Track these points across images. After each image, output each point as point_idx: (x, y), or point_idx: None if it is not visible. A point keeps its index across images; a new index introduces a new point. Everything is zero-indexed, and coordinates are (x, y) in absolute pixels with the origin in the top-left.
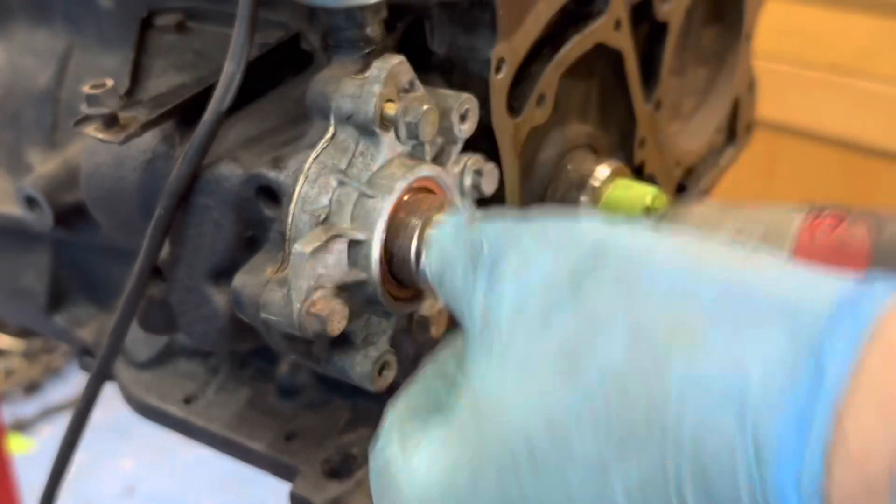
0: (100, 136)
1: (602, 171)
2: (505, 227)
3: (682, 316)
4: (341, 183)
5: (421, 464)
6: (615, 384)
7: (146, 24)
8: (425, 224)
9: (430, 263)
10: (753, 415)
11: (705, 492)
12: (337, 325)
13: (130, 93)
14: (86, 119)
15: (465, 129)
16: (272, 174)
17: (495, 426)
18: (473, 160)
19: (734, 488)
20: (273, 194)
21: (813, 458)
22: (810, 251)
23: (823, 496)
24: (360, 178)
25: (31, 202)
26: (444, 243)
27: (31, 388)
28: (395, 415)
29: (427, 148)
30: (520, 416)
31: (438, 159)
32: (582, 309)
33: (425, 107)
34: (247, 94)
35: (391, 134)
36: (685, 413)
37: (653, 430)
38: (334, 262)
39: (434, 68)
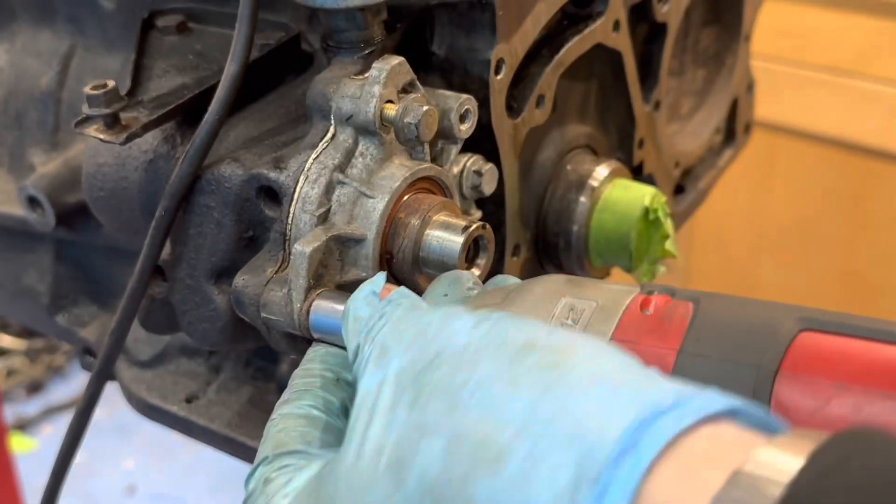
0: (101, 136)
1: (601, 171)
2: (381, 313)
3: (493, 428)
4: (341, 183)
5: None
6: (430, 495)
7: (147, 26)
8: (425, 224)
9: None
10: None
11: None
12: None
13: (132, 93)
14: (87, 119)
15: (465, 130)
16: (273, 174)
17: None
18: (473, 160)
19: None
20: (274, 194)
21: None
22: (633, 324)
23: None
24: (359, 178)
25: (33, 202)
26: (353, 313)
27: (33, 387)
28: (270, 454)
29: (427, 148)
30: None
31: (438, 160)
32: (415, 412)
33: (425, 107)
34: (247, 95)
35: (391, 134)
36: None
37: None
38: (334, 262)
39: (434, 69)
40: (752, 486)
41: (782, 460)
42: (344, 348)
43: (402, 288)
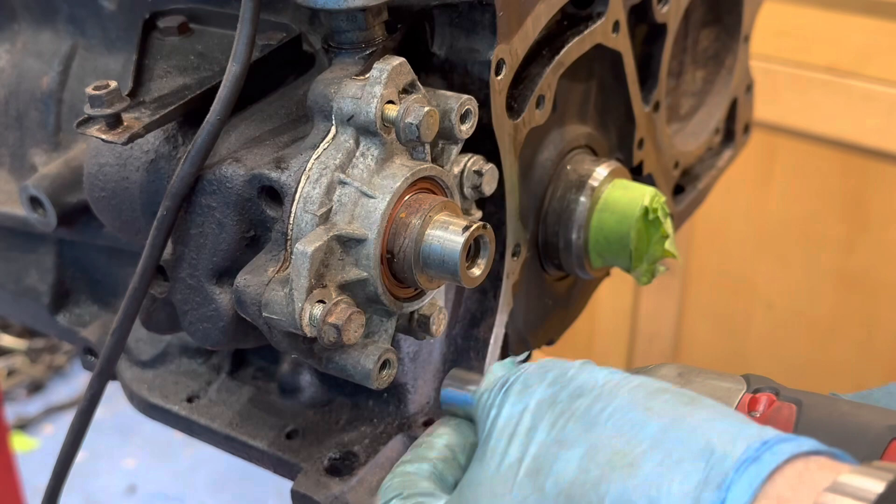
0: (103, 136)
1: (601, 171)
2: (523, 366)
3: (626, 445)
4: (342, 183)
5: None
6: (565, 494)
7: (149, 26)
8: (425, 223)
9: (482, 389)
10: None
11: None
12: (353, 335)
13: (133, 94)
14: (89, 120)
15: (465, 130)
16: (274, 174)
17: None
18: (473, 160)
19: None
20: (275, 194)
21: None
22: None
23: None
24: (361, 178)
25: (34, 202)
26: (491, 378)
27: (35, 387)
28: (410, 480)
29: (427, 148)
30: None
31: (438, 160)
32: (553, 432)
33: (426, 108)
34: (249, 96)
35: (392, 135)
36: None
37: None
38: (335, 262)
39: (434, 69)
40: (852, 490)
41: (876, 474)
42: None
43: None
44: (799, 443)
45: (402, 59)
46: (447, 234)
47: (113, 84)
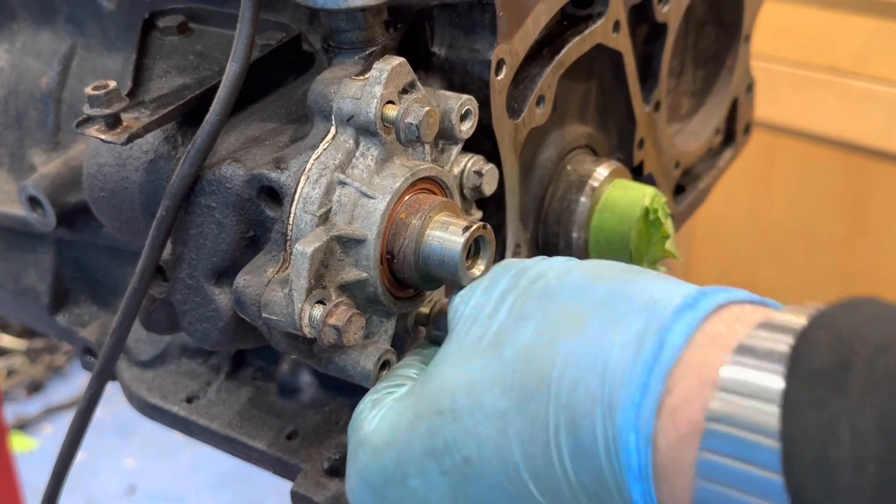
0: (102, 136)
1: (601, 171)
2: (501, 265)
3: (577, 309)
4: (342, 183)
5: (376, 417)
6: (522, 357)
7: (148, 26)
8: (425, 224)
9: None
10: (610, 379)
11: (573, 435)
12: (353, 336)
13: (133, 94)
14: (88, 120)
15: (465, 130)
16: (274, 175)
17: (431, 388)
18: (473, 161)
19: (593, 432)
20: (275, 195)
21: (647, 410)
22: None
23: (652, 440)
24: (360, 178)
25: (33, 202)
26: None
27: (34, 387)
28: (375, 387)
29: (427, 148)
30: (450, 381)
31: (439, 160)
32: (514, 310)
33: (426, 108)
34: (248, 96)
35: (392, 135)
36: (565, 377)
37: (541, 388)
38: (335, 262)
39: (434, 69)
40: (782, 324)
41: (802, 311)
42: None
43: None
44: (734, 292)
45: (401, 59)
46: (447, 234)
47: (112, 84)
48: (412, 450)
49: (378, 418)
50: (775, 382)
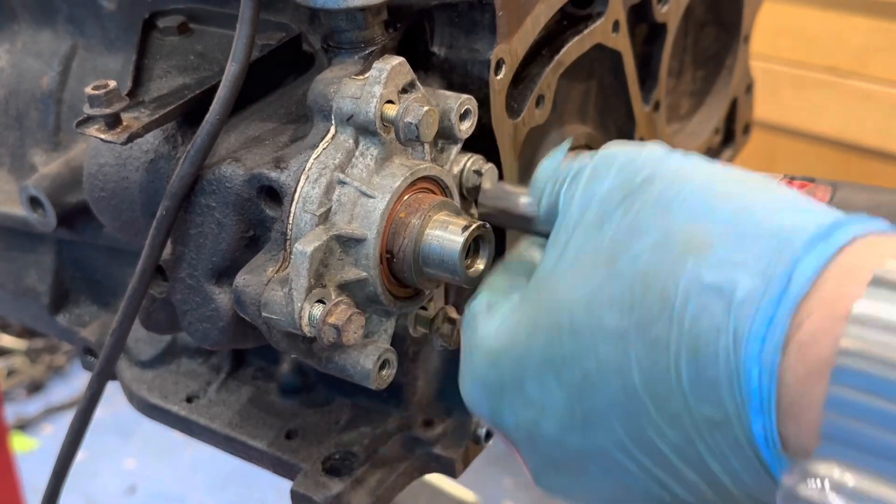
0: (102, 136)
1: None
2: (588, 154)
3: (700, 229)
4: (342, 183)
5: (495, 321)
6: (641, 277)
7: (149, 26)
8: (425, 223)
9: (535, 178)
10: (737, 308)
11: (695, 363)
12: (353, 336)
13: (133, 94)
14: (89, 120)
15: (465, 130)
16: (274, 174)
17: (549, 300)
18: (473, 160)
19: (716, 363)
20: (274, 194)
21: (772, 344)
22: None
23: (777, 372)
24: (360, 178)
25: (34, 202)
26: (545, 168)
27: (34, 387)
28: (488, 284)
29: (427, 148)
30: (568, 294)
31: (438, 159)
32: (627, 219)
33: (425, 108)
34: (248, 95)
35: (391, 134)
36: (688, 303)
37: (663, 313)
38: (335, 262)
39: (434, 69)
40: None
41: None
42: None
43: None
44: (872, 222)
45: (401, 59)
46: (447, 233)
47: (112, 84)
48: (531, 359)
49: (496, 324)
50: None
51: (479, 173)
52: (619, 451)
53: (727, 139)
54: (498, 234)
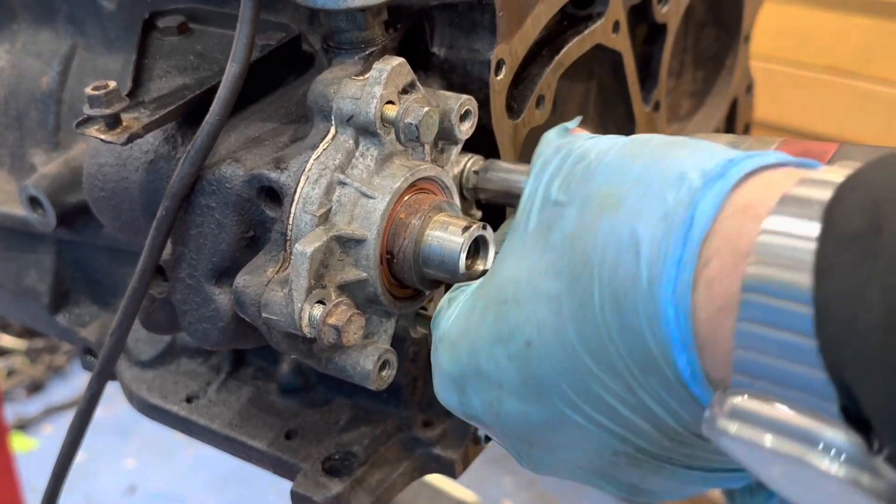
0: (102, 136)
1: None
2: (547, 143)
3: (613, 189)
4: (342, 183)
5: (453, 308)
6: (569, 241)
7: (148, 26)
8: (425, 224)
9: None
10: (647, 254)
11: (618, 312)
12: (353, 336)
13: (133, 94)
14: (88, 120)
15: (465, 130)
16: (274, 175)
17: (497, 279)
18: (473, 161)
19: (635, 309)
20: (274, 195)
21: (683, 285)
22: (793, 143)
23: (690, 311)
24: (360, 178)
25: (34, 202)
26: (540, 147)
27: (34, 387)
28: (452, 287)
29: (427, 148)
30: (514, 271)
31: (438, 160)
32: (560, 195)
33: (425, 108)
34: (248, 96)
35: (391, 135)
36: (605, 257)
37: (585, 270)
38: (335, 262)
39: (434, 70)
40: (816, 183)
41: (842, 170)
42: None
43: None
44: (764, 157)
45: (401, 60)
46: (447, 234)
47: (112, 84)
48: (482, 338)
49: (454, 315)
50: (806, 251)
51: (479, 174)
52: (574, 413)
53: None
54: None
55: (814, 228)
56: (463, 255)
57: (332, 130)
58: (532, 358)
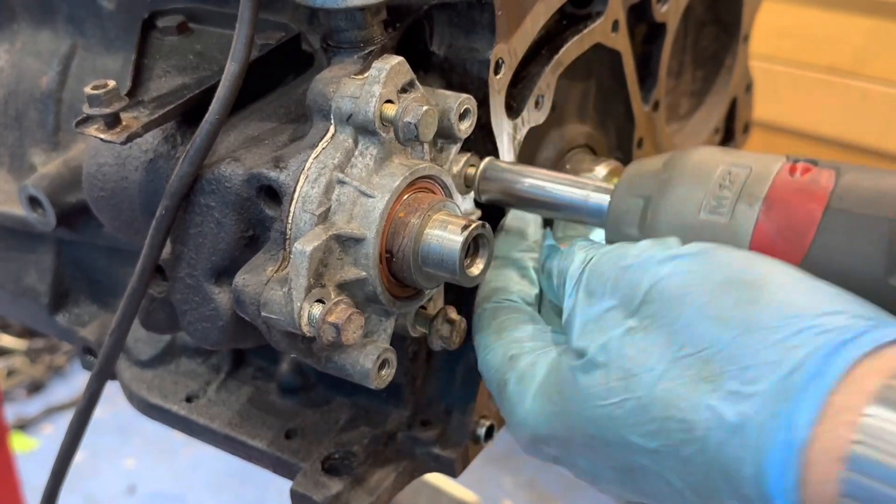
0: (102, 136)
1: (600, 170)
2: (596, 265)
3: (707, 357)
4: (341, 182)
5: (527, 401)
6: (659, 403)
7: (148, 26)
8: (425, 223)
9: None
10: (753, 446)
11: (728, 480)
12: (352, 335)
13: (132, 94)
14: (88, 119)
15: (464, 129)
16: (273, 174)
17: (572, 400)
18: (473, 160)
19: (745, 483)
20: (274, 194)
21: (789, 482)
22: (784, 186)
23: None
24: (359, 177)
25: (33, 202)
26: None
27: (34, 387)
28: (497, 323)
29: (426, 147)
30: (589, 405)
31: (437, 159)
32: (637, 341)
33: (424, 107)
34: (248, 95)
35: (391, 134)
36: (709, 432)
37: (690, 439)
38: (334, 261)
39: (433, 69)
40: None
41: None
42: None
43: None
44: (860, 344)
45: (400, 59)
46: (446, 233)
47: (111, 83)
48: (575, 445)
49: (528, 405)
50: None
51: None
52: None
53: (727, 139)
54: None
55: None
56: (462, 254)
57: (332, 129)
58: (632, 476)
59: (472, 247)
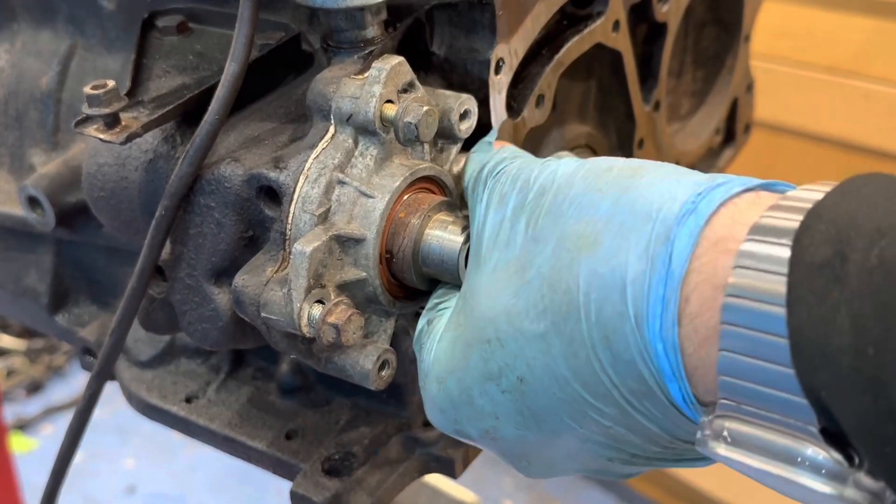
0: (101, 136)
1: None
2: (499, 166)
3: (587, 226)
4: (341, 183)
5: (433, 339)
6: (547, 281)
7: (148, 26)
8: (425, 223)
9: (465, 180)
10: (632, 295)
11: (609, 348)
12: (352, 336)
13: (132, 94)
14: (87, 119)
15: (465, 130)
16: (273, 174)
17: (474, 319)
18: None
19: (626, 344)
20: (274, 194)
21: (669, 321)
22: None
23: (678, 344)
24: (359, 178)
25: (33, 202)
26: (471, 168)
27: (34, 387)
28: (430, 302)
29: (427, 148)
30: (489, 311)
31: (438, 159)
32: (529, 231)
33: (425, 107)
34: (248, 95)
35: (391, 134)
36: (590, 298)
37: (571, 311)
38: (334, 262)
39: (434, 69)
40: (786, 211)
41: (808, 195)
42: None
43: (511, 146)
44: (729, 185)
45: (401, 59)
46: (446, 233)
47: (111, 83)
48: (471, 376)
49: (434, 349)
50: (778, 282)
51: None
52: (570, 435)
53: (728, 139)
54: None
55: (783, 259)
56: (463, 255)
57: (332, 130)
58: (526, 392)
59: None
